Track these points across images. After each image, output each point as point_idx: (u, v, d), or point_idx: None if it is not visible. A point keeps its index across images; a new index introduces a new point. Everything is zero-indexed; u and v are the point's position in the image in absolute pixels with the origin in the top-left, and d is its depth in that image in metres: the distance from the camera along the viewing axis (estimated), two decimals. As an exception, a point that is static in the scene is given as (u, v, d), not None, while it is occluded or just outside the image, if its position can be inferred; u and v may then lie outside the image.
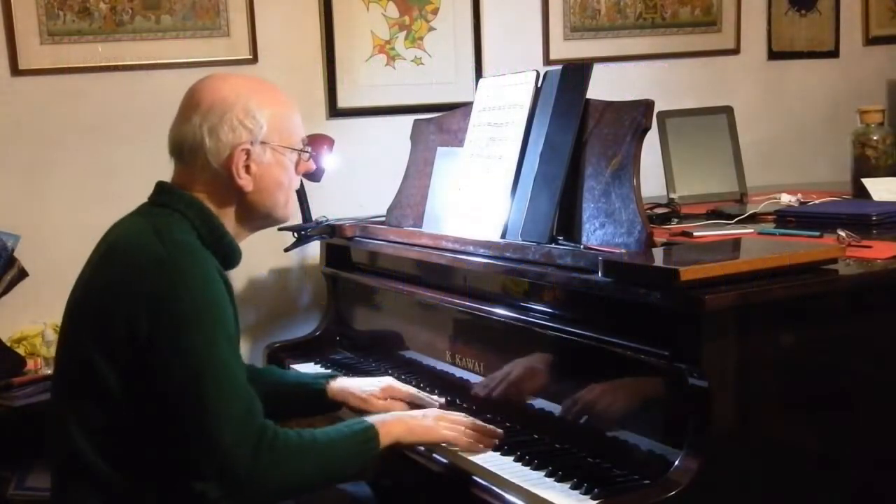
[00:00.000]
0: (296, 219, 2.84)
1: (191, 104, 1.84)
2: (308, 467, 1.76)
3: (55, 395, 1.87)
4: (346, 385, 2.17)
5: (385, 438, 1.85)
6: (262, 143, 1.84)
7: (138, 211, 1.88)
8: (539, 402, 2.01)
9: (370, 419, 1.89)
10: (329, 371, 2.29)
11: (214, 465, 1.69)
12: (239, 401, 1.69)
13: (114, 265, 1.77)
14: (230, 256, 1.87)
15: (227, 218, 1.87)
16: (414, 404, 2.13)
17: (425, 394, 2.19)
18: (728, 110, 3.00)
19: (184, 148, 1.83)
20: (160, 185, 1.88)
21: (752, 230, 2.28)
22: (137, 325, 1.67)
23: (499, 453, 1.91)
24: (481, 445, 1.93)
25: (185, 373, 1.67)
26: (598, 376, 1.86)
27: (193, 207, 1.82)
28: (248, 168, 1.83)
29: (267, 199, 1.88)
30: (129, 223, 1.85)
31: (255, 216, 1.90)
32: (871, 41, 4.08)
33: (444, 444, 1.94)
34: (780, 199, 2.71)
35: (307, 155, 1.94)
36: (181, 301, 1.68)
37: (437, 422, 1.94)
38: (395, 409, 2.08)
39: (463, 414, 2.01)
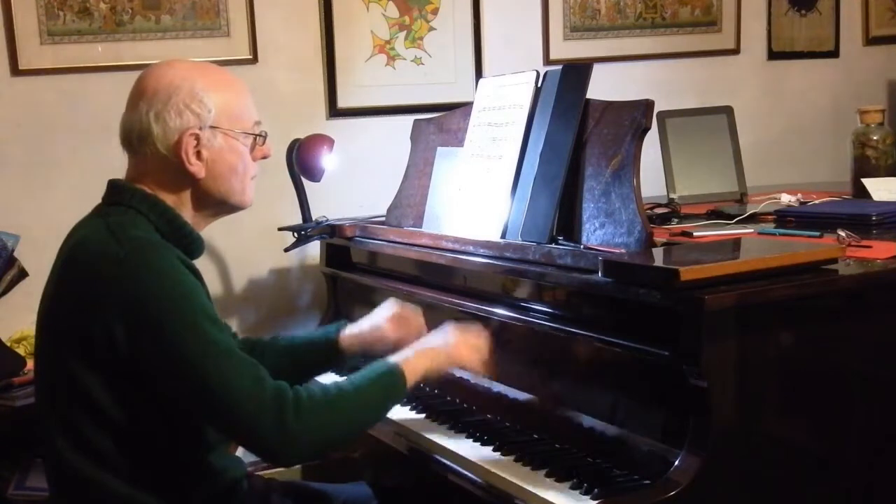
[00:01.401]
0: (296, 219, 2.85)
1: (137, 92, 1.82)
2: (340, 419, 1.75)
3: (39, 407, 1.85)
4: (357, 331, 2.14)
5: (412, 376, 1.85)
6: (212, 127, 1.80)
7: (94, 213, 1.85)
8: (539, 402, 2.00)
9: (393, 358, 1.88)
10: (336, 323, 2.26)
11: (245, 441, 1.70)
12: (244, 375, 1.67)
13: (75, 273, 1.74)
14: (192, 247, 1.84)
15: (184, 207, 1.84)
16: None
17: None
18: (728, 110, 3.00)
19: (132, 137, 1.80)
20: (112, 184, 1.85)
21: (752, 230, 2.28)
22: (113, 331, 1.65)
23: (499, 453, 1.91)
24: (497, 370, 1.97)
25: (182, 367, 1.65)
26: (598, 376, 1.86)
27: (147, 202, 1.79)
28: (199, 154, 1.80)
29: (221, 186, 1.84)
30: (85, 226, 1.82)
31: (211, 203, 1.86)
32: (871, 41, 4.08)
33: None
34: (780, 199, 2.71)
35: (262, 139, 1.89)
36: (150, 297, 1.65)
37: (458, 345, 1.96)
38: (410, 339, 2.06)
39: (478, 327, 2.03)
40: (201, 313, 1.69)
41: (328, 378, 2.60)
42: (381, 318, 2.15)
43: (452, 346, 1.96)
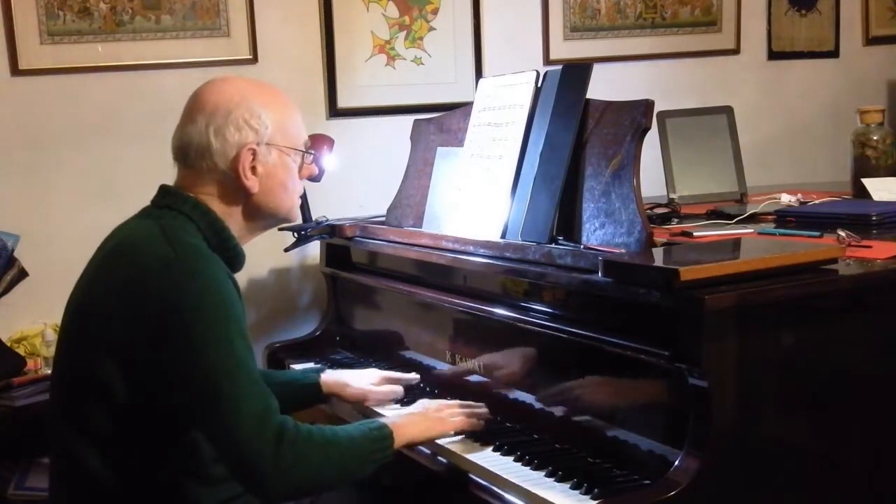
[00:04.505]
0: (296, 219, 2.85)
1: (195, 107, 1.83)
2: (328, 464, 1.75)
3: (54, 400, 1.86)
4: (340, 377, 2.22)
5: (399, 439, 1.86)
6: (268, 144, 1.83)
7: (143, 213, 1.86)
8: (539, 402, 2.01)
9: (384, 419, 1.91)
10: (315, 366, 2.31)
11: (237, 463, 1.70)
12: (256, 398, 1.68)
13: (120, 267, 1.75)
14: (234, 260, 1.86)
15: (234, 220, 1.86)
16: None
17: (402, 374, 2.30)
18: (728, 110, 3.00)
19: (190, 151, 1.82)
20: (164, 189, 1.87)
21: (752, 230, 2.28)
22: (145, 327, 1.66)
23: (499, 453, 1.91)
24: (482, 423, 2.00)
25: (201, 373, 1.66)
26: (598, 376, 1.86)
27: (199, 210, 1.82)
28: (254, 169, 1.83)
29: (272, 201, 1.87)
30: (134, 225, 1.83)
31: (261, 218, 1.90)
32: (871, 41, 4.08)
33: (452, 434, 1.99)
34: (780, 199, 2.71)
35: (310, 157, 1.93)
36: (191, 303, 1.67)
37: (441, 413, 1.99)
38: (391, 395, 2.23)
39: (449, 400, 2.09)
40: (235, 328, 1.70)
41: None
42: (367, 376, 2.24)
43: (434, 412, 1.99)
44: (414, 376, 2.30)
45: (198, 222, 1.81)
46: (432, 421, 1.96)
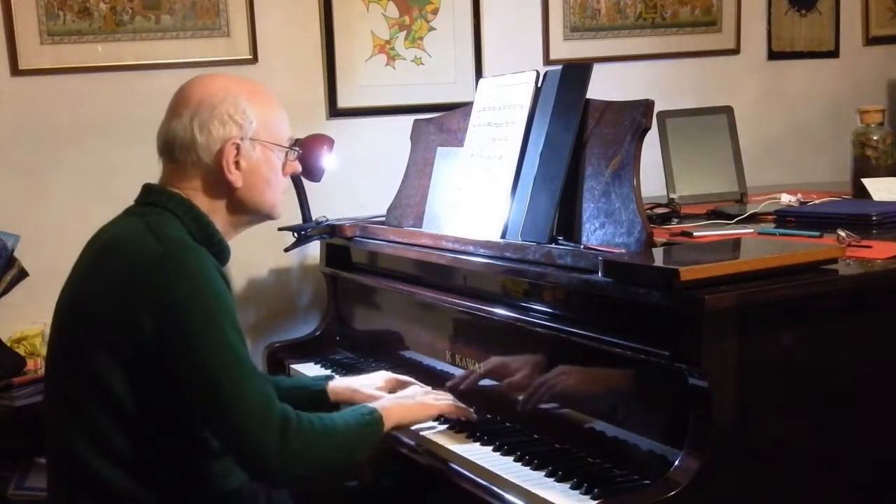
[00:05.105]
0: (296, 219, 2.85)
1: (181, 102, 1.85)
2: (330, 451, 1.80)
3: (50, 400, 1.86)
4: (349, 384, 2.21)
5: (388, 422, 1.91)
6: (252, 139, 1.84)
7: (128, 212, 1.87)
8: (539, 402, 2.00)
9: (373, 404, 1.95)
10: (323, 374, 2.31)
11: (244, 455, 1.72)
12: (257, 391, 1.70)
13: (110, 266, 1.76)
14: (221, 254, 1.87)
15: (218, 215, 1.87)
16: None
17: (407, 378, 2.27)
18: (728, 110, 3.00)
19: (175, 145, 1.83)
20: (147, 187, 1.88)
21: (752, 230, 2.28)
22: (142, 324, 1.67)
23: (499, 453, 1.91)
24: (469, 413, 2.05)
25: (201, 370, 1.67)
26: (598, 376, 1.86)
27: (183, 206, 1.83)
28: (237, 164, 1.84)
29: (256, 197, 1.88)
30: (120, 223, 1.84)
31: (245, 213, 1.91)
32: (871, 41, 4.08)
33: (437, 418, 2.06)
34: (780, 199, 2.71)
35: (294, 154, 1.94)
36: (185, 297, 1.68)
37: (427, 398, 2.05)
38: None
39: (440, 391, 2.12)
40: (228, 320, 1.71)
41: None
42: (375, 380, 2.23)
43: (421, 397, 2.06)
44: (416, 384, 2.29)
45: (182, 218, 1.82)
46: (418, 404, 2.02)
